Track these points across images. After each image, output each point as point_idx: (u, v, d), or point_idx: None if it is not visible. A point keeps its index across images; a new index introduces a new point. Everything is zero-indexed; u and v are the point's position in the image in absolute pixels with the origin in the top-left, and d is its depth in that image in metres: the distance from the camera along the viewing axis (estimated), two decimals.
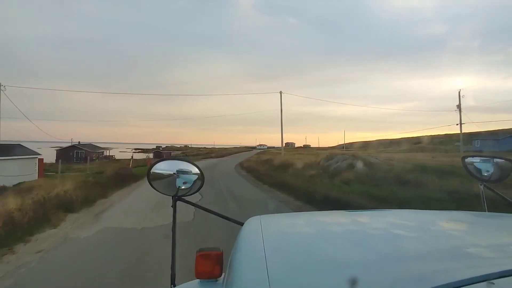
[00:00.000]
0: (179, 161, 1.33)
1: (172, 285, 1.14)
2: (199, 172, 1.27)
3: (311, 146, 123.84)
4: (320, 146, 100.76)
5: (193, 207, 1.42)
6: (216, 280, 1.04)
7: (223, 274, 1.03)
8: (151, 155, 46.26)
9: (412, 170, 11.92)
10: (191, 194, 1.28)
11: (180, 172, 1.25)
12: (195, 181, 1.27)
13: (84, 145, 51.85)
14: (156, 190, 1.29)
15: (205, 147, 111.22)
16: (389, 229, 1.01)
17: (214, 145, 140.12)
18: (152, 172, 1.27)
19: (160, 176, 1.28)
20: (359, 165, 13.64)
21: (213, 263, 1.03)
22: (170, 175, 1.25)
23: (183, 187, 1.25)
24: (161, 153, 53.45)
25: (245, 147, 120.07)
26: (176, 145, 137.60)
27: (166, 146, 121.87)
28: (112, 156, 57.65)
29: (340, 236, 0.96)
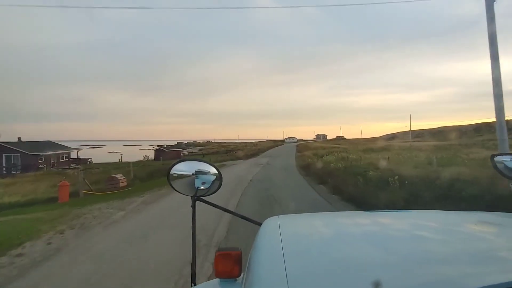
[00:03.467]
0: (198, 161, 1.35)
1: (192, 284, 1.16)
2: (217, 172, 1.30)
3: (344, 138, 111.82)
4: (362, 137, 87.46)
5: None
6: (236, 280, 1.04)
7: (242, 273, 1.03)
8: (150, 155, 34.20)
9: None
10: (209, 194, 1.30)
11: (199, 172, 1.28)
12: (213, 182, 1.29)
13: (25, 144, 30.47)
14: (176, 190, 1.32)
15: (228, 142, 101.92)
16: (412, 231, 0.96)
17: (238, 140, 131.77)
18: (172, 173, 1.30)
19: (179, 177, 1.31)
20: None
21: (232, 262, 1.03)
22: (189, 176, 1.28)
23: (202, 188, 1.28)
24: (164, 152, 37.50)
25: (272, 140, 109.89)
26: (199, 141, 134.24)
27: (188, 142, 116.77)
28: (88, 159, 37.27)
29: (360, 237, 0.92)
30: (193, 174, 1.27)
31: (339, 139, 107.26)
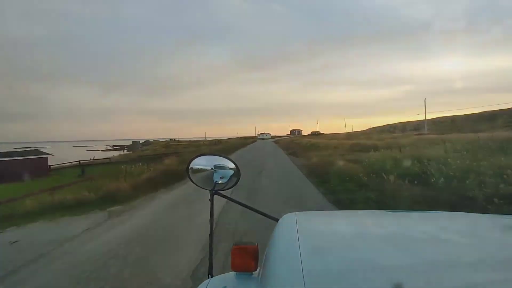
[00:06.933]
0: (217, 156, 1.36)
1: (209, 275, 1.17)
2: (235, 167, 1.30)
3: (321, 133, 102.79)
4: (346, 131, 77.41)
5: None
6: (252, 274, 1.05)
7: (258, 268, 1.04)
8: None
9: None
10: (227, 189, 1.31)
11: (218, 167, 1.29)
12: (231, 177, 1.30)
13: None
14: (195, 184, 1.32)
15: (193, 140, 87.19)
16: (438, 233, 0.92)
17: (205, 137, 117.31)
18: (191, 167, 1.31)
19: (198, 171, 1.32)
20: None
21: (249, 257, 1.04)
22: (207, 170, 1.30)
23: (220, 182, 1.29)
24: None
25: (243, 137, 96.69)
26: (161, 140, 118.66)
27: (147, 141, 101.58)
28: None
29: (381, 238, 0.88)
30: (211, 168, 1.29)
31: (315, 134, 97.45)
